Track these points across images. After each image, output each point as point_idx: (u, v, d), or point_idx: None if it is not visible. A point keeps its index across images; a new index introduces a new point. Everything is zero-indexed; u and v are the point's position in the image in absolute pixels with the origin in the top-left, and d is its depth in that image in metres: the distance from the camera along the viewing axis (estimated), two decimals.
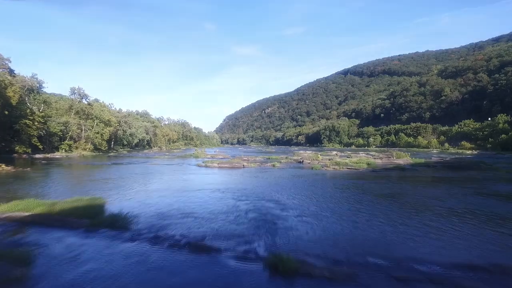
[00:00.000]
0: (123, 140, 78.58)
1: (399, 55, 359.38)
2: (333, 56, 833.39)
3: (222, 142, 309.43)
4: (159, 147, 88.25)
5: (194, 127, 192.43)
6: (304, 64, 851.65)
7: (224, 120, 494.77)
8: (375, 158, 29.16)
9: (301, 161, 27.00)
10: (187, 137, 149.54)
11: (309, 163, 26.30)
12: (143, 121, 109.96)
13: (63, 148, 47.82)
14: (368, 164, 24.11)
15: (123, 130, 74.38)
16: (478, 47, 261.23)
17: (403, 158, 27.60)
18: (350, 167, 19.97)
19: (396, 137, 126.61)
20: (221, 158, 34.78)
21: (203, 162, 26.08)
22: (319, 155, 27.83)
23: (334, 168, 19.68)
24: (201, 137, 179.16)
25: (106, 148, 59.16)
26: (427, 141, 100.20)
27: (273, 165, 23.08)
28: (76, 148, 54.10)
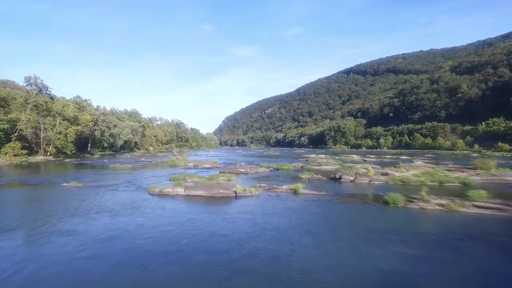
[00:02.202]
0: (103, 142, 67.48)
1: (403, 54, 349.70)
2: (333, 57, 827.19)
3: (221, 144, 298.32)
4: (145, 149, 77.21)
5: (191, 128, 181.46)
6: (304, 65, 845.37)
7: (223, 121, 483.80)
8: (452, 170, 17.91)
9: (338, 177, 15.77)
10: (182, 138, 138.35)
11: (352, 180, 15.06)
12: (131, 121, 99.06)
13: (5, 152, 36.57)
14: (464, 183, 13.01)
15: (101, 130, 63.19)
16: (487, 43, 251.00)
17: (504, 171, 16.36)
18: (488, 208, 8.62)
19: (411, 137, 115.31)
20: (207, 168, 23.61)
21: (170, 180, 15.05)
22: (370, 169, 16.40)
23: (443, 208, 8.36)
24: (198, 138, 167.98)
25: (74, 151, 47.94)
26: (450, 142, 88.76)
27: (294, 191, 11.90)
28: (35, 152, 43.30)
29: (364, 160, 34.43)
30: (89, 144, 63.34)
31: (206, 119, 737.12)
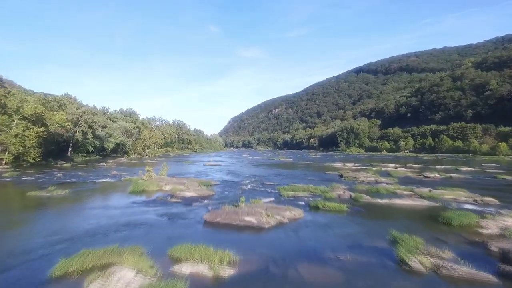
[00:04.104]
0: (88, 146, 58.18)
1: (415, 52, 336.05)
2: (339, 58, 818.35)
3: (226, 145, 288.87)
4: (138, 154, 67.70)
5: (194, 129, 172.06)
6: (310, 66, 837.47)
7: (229, 122, 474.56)
8: None
9: None
10: (183, 140, 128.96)
11: None
12: (126, 122, 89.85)
13: None
14: None
15: (82, 132, 53.88)
16: (506, 40, 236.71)
17: None
18: None
19: (436, 140, 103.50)
20: (189, 198, 13.43)
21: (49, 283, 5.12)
22: None
23: None
24: (201, 140, 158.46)
25: (38, 158, 38.30)
26: (487, 146, 77.00)
27: None
28: None
29: (424, 177, 23.81)
30: (70, 149, 54.13)
31: (211, 120, 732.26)
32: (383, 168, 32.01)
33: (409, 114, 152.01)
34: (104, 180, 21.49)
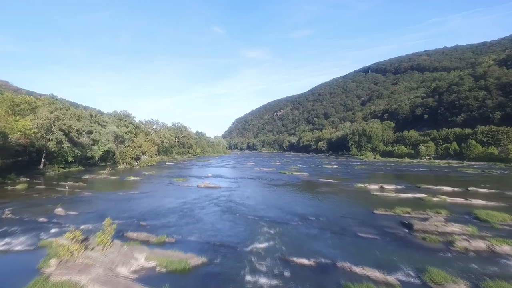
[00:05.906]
0: (66, 155, 49.64)
1: (425, 51, 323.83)
2: (344, 58, 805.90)
3: (230, 147, 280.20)
4: (128, 163, 58.89)
5: (196, 132, 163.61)
6: (315, 67, 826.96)
7: (233, 123, 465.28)
8: None
9: None
10: (184, 144, 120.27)
11: None
12: (119, 126, 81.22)
13: None
14: None
15: (56, 140, 45.28)
16: None
17: None
18: None
19: (463, 145, 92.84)
20: None
21: None
22: None
23: None
24: (203, 143, 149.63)
25: None
26: None
27: None
28: None
29: None
30: (43, 160, 45.60)
31: (215, 121, 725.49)
32: (448, 199, 22.48)
33: (426, 116, 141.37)
34: (9, 242, 12.37)
